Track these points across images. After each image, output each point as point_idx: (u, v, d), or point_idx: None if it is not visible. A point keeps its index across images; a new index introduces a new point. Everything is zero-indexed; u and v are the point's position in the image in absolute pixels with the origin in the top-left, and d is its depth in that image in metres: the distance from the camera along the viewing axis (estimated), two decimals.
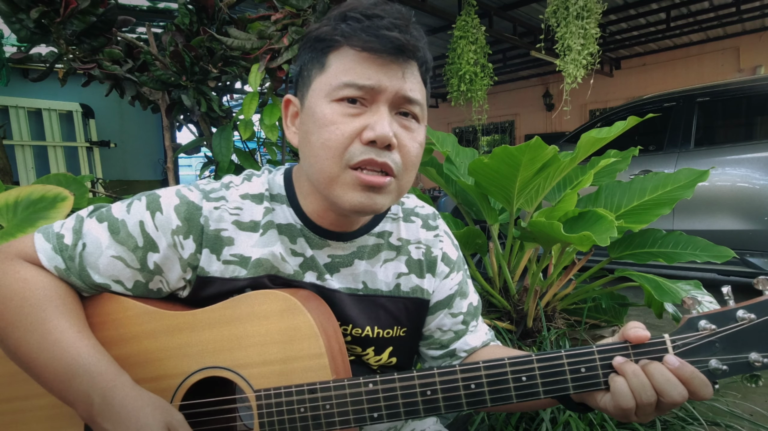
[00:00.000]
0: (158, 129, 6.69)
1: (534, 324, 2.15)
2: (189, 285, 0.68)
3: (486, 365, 0.58)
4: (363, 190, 0.60)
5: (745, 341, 0.55)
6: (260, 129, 2.05)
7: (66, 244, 0.65)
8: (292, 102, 0.69)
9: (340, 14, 0.62)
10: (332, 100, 0.60)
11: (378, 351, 0.75)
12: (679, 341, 0.56)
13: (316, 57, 0.63)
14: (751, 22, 6.67)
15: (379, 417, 0.59)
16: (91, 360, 0.58)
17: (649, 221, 2.01)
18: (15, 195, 1.31)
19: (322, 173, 0.61)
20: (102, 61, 1.76)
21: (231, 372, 0.63)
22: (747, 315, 0.55)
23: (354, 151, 0.59)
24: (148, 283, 0.67)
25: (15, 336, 0.60)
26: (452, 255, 0.80)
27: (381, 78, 0.59)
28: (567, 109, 4.93)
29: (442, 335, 0.79)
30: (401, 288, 0.75)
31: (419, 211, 0.80)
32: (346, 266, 0.72)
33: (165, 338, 0.65)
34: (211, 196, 0.68)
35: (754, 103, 3.46)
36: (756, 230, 3.18)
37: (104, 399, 0.56)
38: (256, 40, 1.65)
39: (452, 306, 0.79)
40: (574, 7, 4.07)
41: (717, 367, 0.55)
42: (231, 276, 0.67)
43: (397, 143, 0.61)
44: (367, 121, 0.59)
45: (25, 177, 5.50)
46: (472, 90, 5.20)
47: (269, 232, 0.68)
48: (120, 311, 0.67)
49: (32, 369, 0.60)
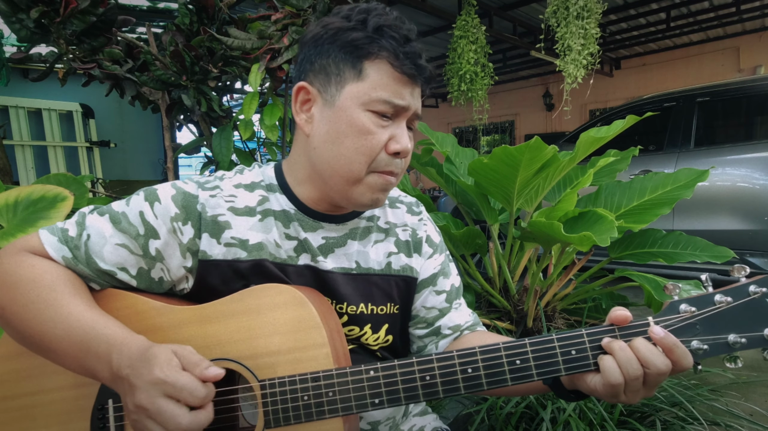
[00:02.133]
0: (158, 129, 6.70)
1: (534, 324, 2.15)
2: (191, 275, 0.71)
3: (482, 349, 0.61)
4: (380, 190, 0.70)
5: (723, 323, 0.59)
6: (260, 129, 2.05)
7: (71, 236, 0.68)
8: (306, 89, 0.71)
9: (378, 26, 0.66)
10: (368, 109, 0.67)
11: (375, 328, 0.79)
12: (661, 323, 0.60)
13: (349, 60, 0.67)
14: (751, 22, 6.67)
15: (380, 402, 0.62)
16: (105, 325, 0.61)
17: (649, 221, 2.01)
18: (15, 195, 1.31)
19: (349, 174, 0.68)
20: (102, 61, 1.76)
21: (236, 363, 0.64)
22: (724, 299, 0.59)
23: (381, 160, 0.68)
24: (150, 271, 0.70)
25: (29, 316, 0.62)
26: (435, 238, 0.87)
27: (410, 100, 0.68)
28: (567, 109, 4.93)
29: (427, 313, 0.84)
30: (392, 267, 0.81)
31: (403, 199, 0.88)
32: (339, 246, 0.77)
33: (173, 332, 0.67)
34: (206, 185, 0.72)
35: (754, 103, 3.46)
36: (756, 230, 3.18)
37: (120, 353, 0.58)
38: (256, 39, 1.65)
39: (436, 284, 0.84)
40: (574, 7, 4.07)
41: (698, 347, 0.59)
42: (233, 257, 0.71)
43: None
44: (392, 133, 0.68)
45: (25, 177, 5.50)
46: (473, 90, 5.20)
47: (267, 219, 0.73)
48: (129, 307, 0.69)
49: (48, 344, 0.62)
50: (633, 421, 1.44)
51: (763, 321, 0.58)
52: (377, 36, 0.66)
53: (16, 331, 0.64)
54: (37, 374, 0.67)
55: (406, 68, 0.66)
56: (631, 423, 1.43)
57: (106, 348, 0.59)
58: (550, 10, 4.22)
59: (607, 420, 1.39)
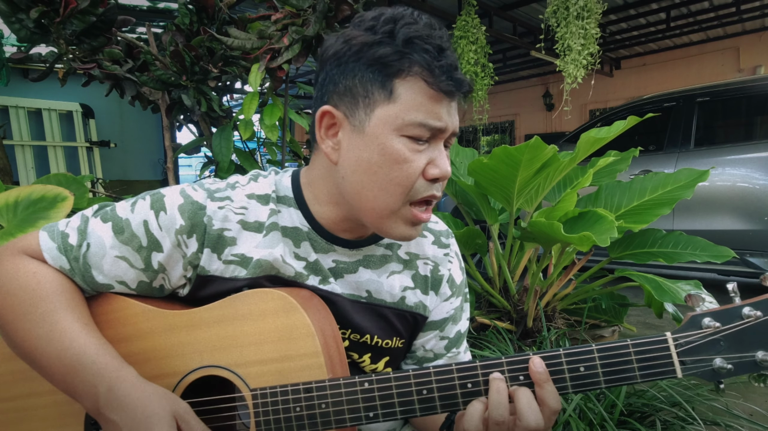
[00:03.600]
0: (158, 129, 6.70)
1: (534, 324, 2.15)
2: (189, 283, 0.69)
3: (482, 365, 0.59)
4: (413, 224, 0.64)
5: (751, 339, 0.53)
6: (260, 129, 2.05)
7: (71, 244, 0.65)
8: (333, 114, 0.64)
9: (407, 38, 0.59)
10: (402, 134, 0.60)
11: (374, 359, 0.75)
12: (681, 339, 0.55)
13: (378, 80, 0.60)
14: (751, 22, 6.67)
15: (374, 416, 0.59)
16: (97, 352, 0.59)
17: (649, 221, 2.01)
18: (15, 195, 1.31)
19: (384, 207, 0.62)
20: (102, 61, 1.76)
21: (227, 371, 0.63)
22: (753, 313, 0.53)
23: (419, 188, 0.62)
24: (151, 282, 0.68)
25: (24, 327, 0.61)
26: (457, 279, 0.80)
27: (447, 120, 0.62)
28: (567, 109, 4.93)
29: (423, 353, 0.80)
30: (405, 302, 0.75)
31: (432, 227, 0.80)
32: (350, 273, 0.72)
33: (163, 337, 0.65)
34: (216, 195, 0.67)
35: (754, 103, 3.46)
36: (756, 230, 3.18)
37: (110, 390, 0.57)
38: (256, 39, 1.65)
39: (443, 329, 0.80)
40: (575, 7, 4.07)
41: (722, 366, 0.53)
42: (231, 276, 0.67)
43: None
44: (430, 156, 0.62)
45: (25, 177, 5.50)
46: (473, 89, 5.21)
47: (272, 234, 0.68)
48: (120, 310, 0.67)
49: (39, 361, 0.60)
50: (633, 421, 1.44)
51: None
52: (408, 50, 0.59)
53: (8, 338, 0.63)
54: (33, 376, 0.66)
55: (443, 85, 0.59)
56: (631, 423, 1.43)
57: (93, 379, 0.58)
58: (550, 10, 4.22)
59: (607, 420, 1.39)
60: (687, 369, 0.55)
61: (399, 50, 0.59)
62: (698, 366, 0.54)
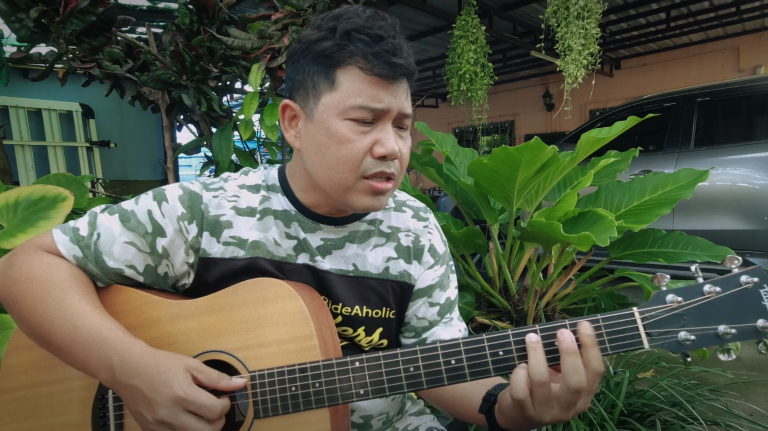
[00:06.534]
0: (158, 129, 6.69)
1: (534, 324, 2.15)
2: (192, 270, 0.74)
3: (465, 341, 0.62)
4: (373, 195, 0.69)
5: (713, 314, 0.57)
6: (260, 129, 2.05)
7: (82, 235, 0.71)
8: (290, 107, 0.72)
9: (345, 31, 0.65)
10: (346, 118, 0.66)
11: (368, 331, 0.80)
12: (647, 313, 0.59)
13: (322, 71, 0.67)
14: (751, 22, 6.67)
15: (365, 393, 0.63)
16: (108, 328, 0.64)
17: (649, 221, 2.01)
18: (15, 195, 1.31)
19: (338, 183, 0.68)
20: (102, 61, 1.76)
21: (227, 355, 0.67)
22: (713, 289, 0.57)
23: (367, 165, 0.67)
24: (156, 267, 0.73)
25: (39, 312, 0.65)
26: (439, 249, 0.85)
27: (390, 101, 0.66)
28: (567, 109, 4.92)
29: (417, 322, 0.84)
30: (390, 272, 0.80)
31: (411, 204, 0.87)
32: (337, 248, 0.78)
33: (169, 325, 0.70)
34: (210, 187, 0.75)
35: (754, 103, 3.46)
36: (756, 230, 3.18)
37: (123, 359, 0.61)
38: (256, 39, 1.65)
39: (431, 295, 0.84)
40: (575, 7, 4.06)
41: (686, 338, 0.57)
42: (231, 256, 0.73)
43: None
44: (376, 137, 0.67)
45: (25, 177, 5.50)
46: (473, 90, 5.20)
47: (266, 218, 0.75)
48: (129, 301, 0.72)
49: (56, 341, 0.65)
50: (633, 421, 1.44)
51: (756, 312, 0.57)
52: (345, 42, 0.65)
53: (26, 325, 0.68)
54: (46, 365, 0.71)
55: (378, 69, 0.64)
56: (631, 423, 1.43)
57: (107, 351, 0.62)
58: (550, 10, 4.22)
59: (607, 420, 1.39)
60: (653, 340, 0.59)
61: (337, 43, 0.65)
62: (664, 338, 0.58)
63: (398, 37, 0.67)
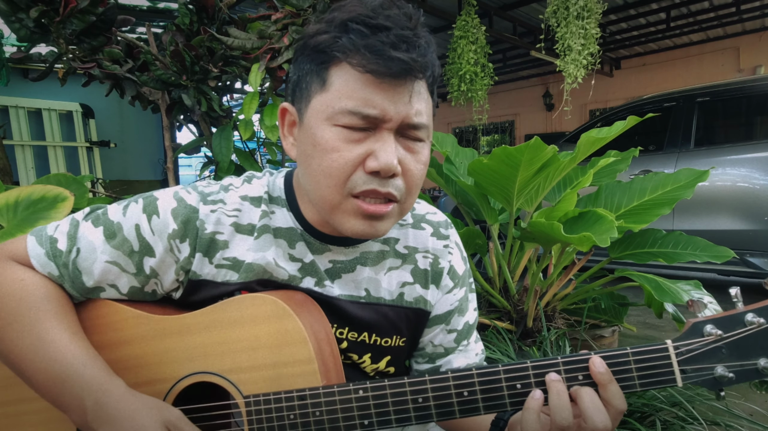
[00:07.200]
0: (158, 129, 6.69)
1: (534, 324, 2.15)
2: (182, 287, 0.67)
3: (479, 372, 0.56)
4: (365, 218, 0.58)
5: (753, 346, 0.52)
6: (260, 129, 2.05)
7: (60, 250, 0.63)
8: (289, 111, 0.63)
9: (341, 22, 0.55)
10: (334, 124, 0.56)
11: (375, 359, 0.73)
12: (683, 347, 0.53)
13: (315, 70, 0.58)
14: (751, 22, 6.67)
15: (369, 424, 0.57)
16: (84, 364, 0.58)
17: (649, 221, 2.01)
18: (15, 195, 1.30)
19: (323, 199, 0.59)
20: (102, 61, 1.76)
21: (220, 377, 0.62)
22: (756, 320, 0.51)
23: (357, 180, 0.56)
24: (143, 287, 0.66)
25: (10, 337, 0.59)
26: (459, 269, 0.77)
27: (386, 106, 0.55)
28: (567, 109, 4.92)
29: (433, 349, 0.78)
30: (404, 298, 0.72)
31: (431, 218, 0.76)
32: (347, 272, 0.70)
33: (155, 342, 0.64)
34: (209, 198, 0.65)
35: (754, 103, 3.46)
36: (756, 230, 3.18)
37: (97, 404, 0.56)
38: (256, 39, 1.65)
39: (449, 322, 0.77)
40: (575, 7, 4.06)
41: (723, 374, 0.52)
42: (222, 280, 0.65)
43: (401, 169, 0.57)
44: (371, 147, 0.56)
45: (25, 177, 5.49)
46: (473, 90, 5.20)
47: (264, 236, 0.66)
48: (110, 315, 0.66)
49: (25, 371, 0.59)
50: (633, 421, 1.44)
51: None
52: (340, 34, 0.55)
53: None
54: (21, 381, 0.65)
55: (371, 65, 0.53)
56: (631, 423, 1.43)
57: (81, 392, 0.56)
58: (550, 10, 4.21)
59: None
60: (687, 377, 0.53)
61: (332, 35, 0.55)
62: (699, 375, 0.53)
63: (416, 29, 0.56)
